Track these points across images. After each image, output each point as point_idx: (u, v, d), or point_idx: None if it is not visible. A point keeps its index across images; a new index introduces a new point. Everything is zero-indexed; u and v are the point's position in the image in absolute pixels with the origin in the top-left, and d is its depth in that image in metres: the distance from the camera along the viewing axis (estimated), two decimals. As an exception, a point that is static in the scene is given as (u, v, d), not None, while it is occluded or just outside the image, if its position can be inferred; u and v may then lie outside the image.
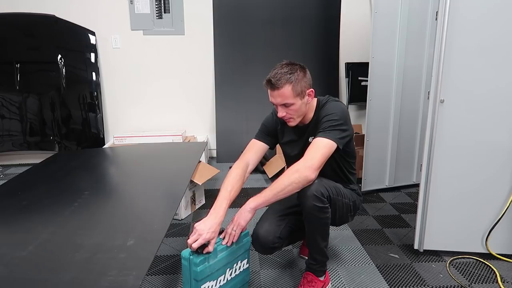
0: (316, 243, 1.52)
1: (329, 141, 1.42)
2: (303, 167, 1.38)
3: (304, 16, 3.53)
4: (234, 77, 3.55)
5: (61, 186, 2.04)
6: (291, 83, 1.43)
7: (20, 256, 1.29)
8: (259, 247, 1.56)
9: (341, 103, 1.58)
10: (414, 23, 2.57)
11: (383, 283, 1.69)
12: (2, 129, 3.40)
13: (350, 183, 1.66)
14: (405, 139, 2.76)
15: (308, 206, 1.41)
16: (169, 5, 3.51)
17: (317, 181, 1.42)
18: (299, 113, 1.50)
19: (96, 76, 3.53)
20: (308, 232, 1.51)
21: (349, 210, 1.60)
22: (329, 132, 1.44)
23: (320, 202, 1.41)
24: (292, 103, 1.46)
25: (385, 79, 2.60)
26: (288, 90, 1.43)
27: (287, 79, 1.43)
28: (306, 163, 1.38)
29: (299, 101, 1.46)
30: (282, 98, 1.45)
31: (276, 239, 1.53)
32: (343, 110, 1.52)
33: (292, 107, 1.47)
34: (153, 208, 1.73)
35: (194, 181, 2.31)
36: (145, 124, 3.70)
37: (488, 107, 1.73)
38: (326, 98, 1.59)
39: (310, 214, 1.43)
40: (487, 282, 1.70)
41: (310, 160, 1.39)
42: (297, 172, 1.38)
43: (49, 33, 3.38)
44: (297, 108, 1.47)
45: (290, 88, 1.43)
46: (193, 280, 1.35)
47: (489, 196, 1.81)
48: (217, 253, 1.40)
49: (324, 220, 1.47)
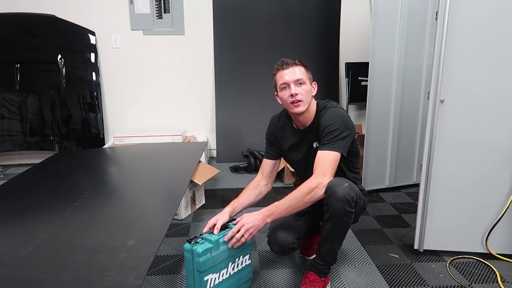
0: (331, 245, 1.52)
1: (334, 153, 1.47)
2: (316, 187, 1.42)
3: (304, 16, 3.53)
4: (234, 77, 3.55)
5: (61, 186, 2.04)
6: (303, 66, 1.57)
7: (20, 256, 1.29)
8: (278, 248, 1.59)
9: (339, 108, 1.58)
10: (414, 23, 2.57)
11: (383, 283, 1.69)
12: (2, 129, 3.40)
13: (356, 183, 1.65)
14: (405, 139, 2.76)
15: (338, 208, 1.41)
16: (169, 5, 3.51)
17: (348, 185, 1.44)
18: (307, 97, 1.55)
19: (96, 76, 3.53)
20: (327, 234, 1.50)
21: (360, 211, 1.62)
22: (333, 144, 1.48)
23: (349, 206, 1.42)
24: (304, 82, 1.53)
25: (385, 79, 2.60)
26: (301, 69, 1.55)
27: (300, 61, 1.57)
28: (318, 179, 1.43)
29: (309, 84, 1.55)
30: (297, 74, 1.53)
31: (295, 239, 1.58)
32: (342, 116, 1.53)
33: (304, 87, 1.53)
34: (153, 208, 1.73)
35: (194, 181, 2.31)
36: (145, 124, 3.70)
37: (488, 107, 1.73)
38: (325, 102, 1.61)
39: (336, 216, 1.43)
40: (487, 282, 1.70)
41: (323, 176, 1.44)
42: (312, 190, 1.42)
43: (49, 33, 3.38)
44: (308, 90, 1.54)
45: (303, 68, 1.56)
46: (196, 271, 1.35)
47: (489, 196, 1.81)
48: (219, 245, 1.40)
49: (348, 224, 1.48)
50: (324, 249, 1.54)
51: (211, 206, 2.56)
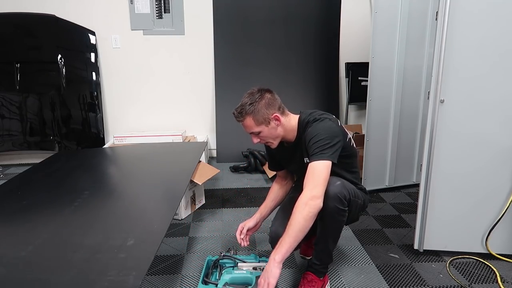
0: (326, 245, 1.53)
1: (324, 162, 1.40)
2: (310, 199, 1.35)
3: (304, 16, 3.53)
4: (234, 77, 3.55)
5: (61, 186, 2.04)
6: (251, 114, 1.49)
7: (20, 256, 1.29)
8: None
9: (323, 120, 1.51)
10: (414, 23, 2.57)
11: (383, 283, 1.69)
12: (2, 129, 3.40)
13: (355, 182, 1.65)
14: (405, 139, 2.76)
15: (329, 207, 1.41)
16: (169, 5, 3.51)
17: (340, 183, 1.44)
18: (272, 136, 1.55)
19: (96, 76, 3.53)
20: (321, 233, 1.50)
21: (360, 209, 1.62)
22: (321, 154, 1.41)
23: (341, 205, 1.42)
24: (259, 131, 1.52)
25: (385, 79, 2.60)
26: (250, 121, 1.51)
27: (247, 110, 1.49)
28: (311, 192, 1.36)
29: (265, 128, 1.52)
30: (247, 128, 1.54)
31: None
32: (324, 127, 1.48)
33: (261, 134, 1.53)
34: (153, 208, 1.72)
35: (194, 181, 2.31)
36: (145, 124, 3.71)
37: (488, 107, 1.73)
38: (308, 115, 1.55)
39: (329, 215, 1.43)
40: (487, 282, 1.70)
41: (314, 188, 1.36)
42: (306, 205, 1.35)
43: (49, 33, 3.38)
44: (267, 134, 1.53)
45: (251, 119, 1.50)
46: None
47: (489, 196, 1.81)
48: None
49: (341, 222, 1.48)
50: (319, 248, 1.55)
51: (211, 206, 2.56)
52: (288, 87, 3.52)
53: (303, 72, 3.60)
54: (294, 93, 3.54)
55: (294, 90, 3.57)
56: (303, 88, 3.61)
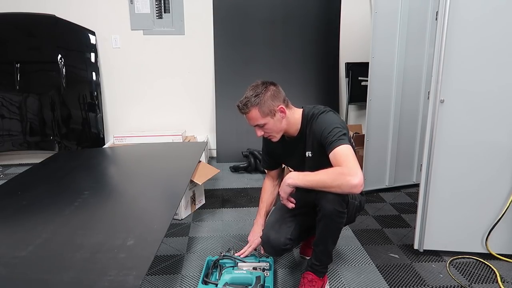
0: (325, 246, 1.52)
1: (346, 145, 1.41)
2: (349, 175, 1.32)
3: (304, 16, 3.53)
4: (234, 77, 3.55)
5: (61, 186, 2.04)
6: (256, 105, 1.49)
7: (20, 256, 1.29)
8: (271, 249, 1.60)
9: (329, 112, 1.55)
10: (414, 23, 2.57)
11: (383, 283, 1.69)
12: (2, 129, 3.40)
13: None
14: (405, 139, 2.76)
15: (329, 209, 1.41)
16: (169, 5, 3.51)
17: None
18: (276, 129, 1.55)
19: (96, 76, 3.53)
20: (320, 234, 1.50)
21: (356, 210, 1.63)
22: (339, 140, 1.41)
23: (340, 207, 1.42)
24: (264, 123, 1.52)
25: (385, 79, 2.60)
26: (255, 113, 1.50)
27: (252, 102, 1.49)
28: (350, 170, 1.33)
29: (270, 120, 1.52)
30: (252, 120, 1.53)
31: (287, 240, 1.58)
32: (334, 118, 1.51)
33: (266, 127, 1.53)
34: (153, 208, 1.72)
35: (194, 181, 2.31)
36: (145, 124, 3.70)
37: (488, 107, 1.73)
38: (311, 109, 1.57)
39: (328, 217, 1.43)
40: (487, 282, 1.70)
41: (352, 168, 1.33)
42: (342, 175, 1.33)
43: (49, 33, 3.38)
44: (271, 126, 1.53)
45: (257, 110, 1.49)
46: None
47: (489, 196, 1.81)
48: None
49: (340, 224, 1.48)
50: (319, 249, 1.54)
51: (211, 206, 2.56)
52: (288, 87, 3.45)
53: (303, 72, 3.60)
54: (294, 93, 3.50)
55: (294, 90, 3.55)
56: (303, 88, 3.61)
